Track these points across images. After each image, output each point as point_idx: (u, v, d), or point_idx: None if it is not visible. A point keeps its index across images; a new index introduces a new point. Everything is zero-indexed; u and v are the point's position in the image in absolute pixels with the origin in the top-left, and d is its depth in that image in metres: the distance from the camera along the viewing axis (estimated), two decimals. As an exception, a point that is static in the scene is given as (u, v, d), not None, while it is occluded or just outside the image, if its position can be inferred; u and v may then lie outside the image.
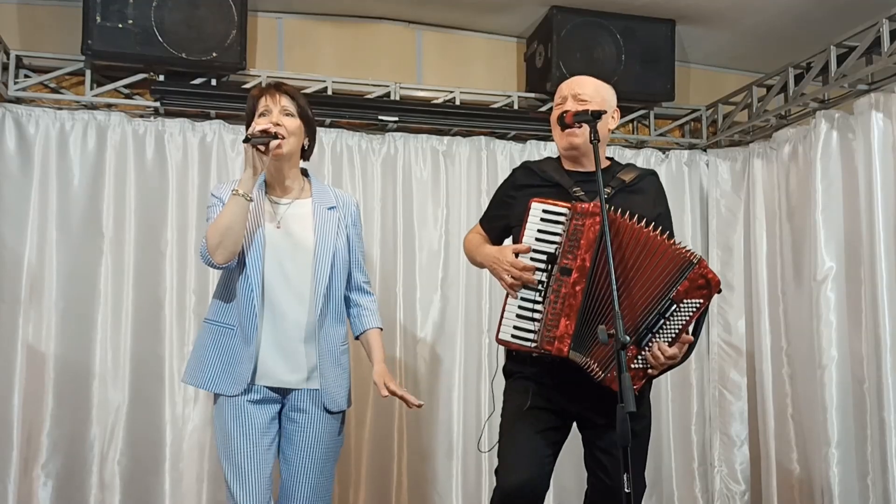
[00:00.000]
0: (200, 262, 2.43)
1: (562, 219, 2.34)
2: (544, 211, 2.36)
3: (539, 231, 2.36)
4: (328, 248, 2.48)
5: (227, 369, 2.41)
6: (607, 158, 2.63)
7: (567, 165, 2.58)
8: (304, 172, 2.61)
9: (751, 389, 4.21)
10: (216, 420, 2.45)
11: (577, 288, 2.29)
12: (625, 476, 1.98)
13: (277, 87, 2.51)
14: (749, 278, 4.22)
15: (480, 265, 2.63)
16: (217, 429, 2.45)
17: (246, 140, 2.34)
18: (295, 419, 2.47)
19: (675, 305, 2.31)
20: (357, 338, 2.66)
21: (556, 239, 2.34)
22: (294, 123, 2.48)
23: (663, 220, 2.51)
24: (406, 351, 3.94)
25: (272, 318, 2.42)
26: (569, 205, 2.36)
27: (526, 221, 2.38)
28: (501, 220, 2.62)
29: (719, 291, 2.38)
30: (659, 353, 2.30)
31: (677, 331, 2.32)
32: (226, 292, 2.47)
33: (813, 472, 3.73)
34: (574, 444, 2.56)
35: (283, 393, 2.46)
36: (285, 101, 2.48)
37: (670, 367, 2.37)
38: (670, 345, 2.31)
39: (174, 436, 3.62)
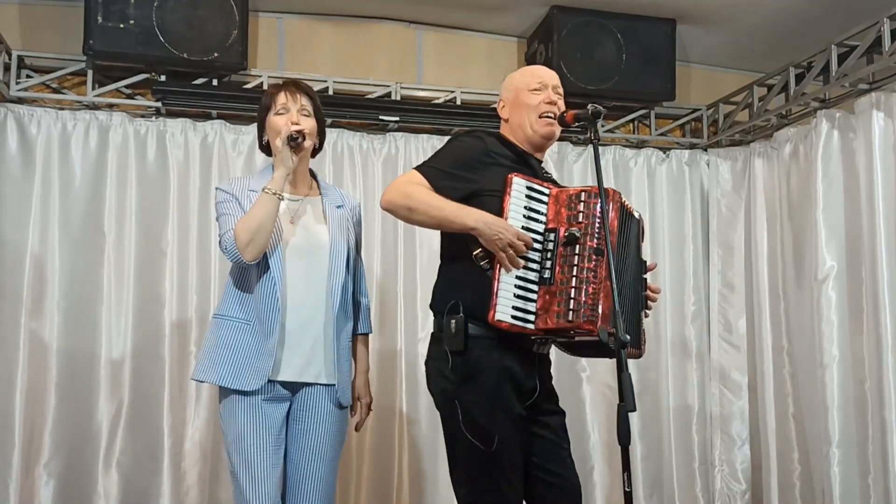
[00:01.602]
0: (224, 257, 2.40)
1: (544, 197, 2.30)
2: (528, 188, 2.30)
3: (526, 209, 2.28)
4: (342, 244, 2.50)
5: (246, 364, 2.38)
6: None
7: (525, 147, 2.49)
8: (311, 171, 2.62)
9: (752, 389, 4.21)
10: (227, 418, 2.41)
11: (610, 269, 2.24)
12: (624, 475, 1.98)
13: (297, 86, 2.50)
14: (750, 278, 4.22)
15: (451, 224, 2.27)
16: (228, 427, 2.40)
17: (293, 139, 2.36)
18: (305, 415, 2.46)
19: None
20: None
21: (542, 218, 2.29)
22: (311, 123, 2.48)
23: None
24: (406, 350, 3.93)
25: (289, 315, 2.41)
26: (571, 187, 2.37)
27: (508, 195, 2.26)
28: (469, 183, 2.32)
29: None
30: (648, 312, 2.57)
31: None
32: (243, 288, 2.45)
33: (814, 472, 3.73)
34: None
35: (293, 390, 2.45)
36: (304, 101, 2.48)
37: None
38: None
39: (175, 436, 3.62)
